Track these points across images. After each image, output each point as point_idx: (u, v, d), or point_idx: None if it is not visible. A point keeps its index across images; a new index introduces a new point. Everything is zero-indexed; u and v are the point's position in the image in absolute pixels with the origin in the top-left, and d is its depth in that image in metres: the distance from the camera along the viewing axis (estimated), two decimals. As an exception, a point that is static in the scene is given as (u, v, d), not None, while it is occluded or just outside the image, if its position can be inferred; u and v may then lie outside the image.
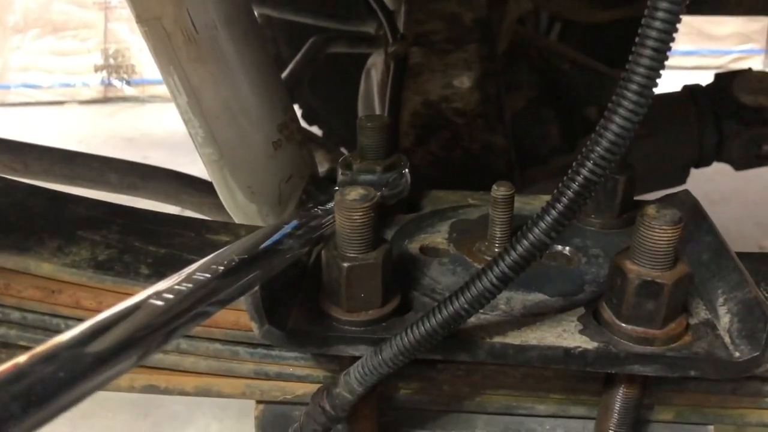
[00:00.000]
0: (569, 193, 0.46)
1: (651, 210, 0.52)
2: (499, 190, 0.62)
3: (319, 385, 0.62)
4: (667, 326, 0.54)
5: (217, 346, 0.64)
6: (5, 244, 0.64)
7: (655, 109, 1.62)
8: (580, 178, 0.45)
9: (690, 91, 1.63)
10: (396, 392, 0.64)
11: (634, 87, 0.43)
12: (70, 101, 4.94)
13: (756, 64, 4.88)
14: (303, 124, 3.03)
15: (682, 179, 1.66)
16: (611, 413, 0.59)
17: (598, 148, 0.44)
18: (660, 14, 0.41)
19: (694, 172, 1.69)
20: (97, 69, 4.92)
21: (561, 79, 1.62)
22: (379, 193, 0.59)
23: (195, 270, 0.46)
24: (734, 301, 0.56)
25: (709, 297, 0.59)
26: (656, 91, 0.44)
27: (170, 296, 0.42)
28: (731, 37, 4.83)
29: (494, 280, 0.48)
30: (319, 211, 0.62)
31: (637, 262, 0.53)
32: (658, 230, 0.51)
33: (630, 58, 0.43)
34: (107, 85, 4.97)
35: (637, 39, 0.42)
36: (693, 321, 0.57)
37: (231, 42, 0.78)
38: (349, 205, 0.53)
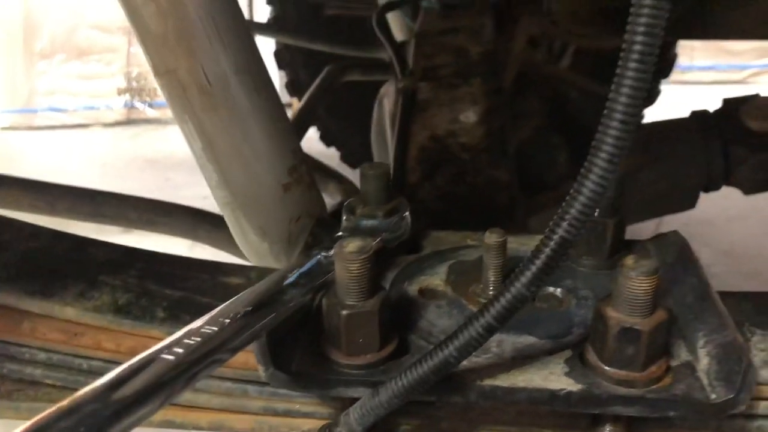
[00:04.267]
0: (547, 251, 0.49)
1: (629, 261, 0.55)
2: (491, 237, 0.65)
3: (324, 422, 0.66)
4: (647, 369, 0.57)
5: (229, 384, 0.68)
6: (32, 290, 0.69)
7: (663, 135, 1.65)
8: (556, 237, 0.49)
9: (697, 116, 1.65)
10: (397, 428, 0.68)
11: (603, 155, 0.46)
12: (94, 124, 5.06)
13: (774, 78, 4.88)
14: (321, 145, 3.06)
15: (692, 204, 1.68)
16: (599, 449, 0.62)
17: (573, 210, 0.48)
18: (624, 89, 0.45)
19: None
20: (120, 92, 5.03)
21: (569, 106, 1.65)
22: (377, 241, 0.63)
23: (204, 323, 0.51)
24: (713, 344, 0.59)
25: (690, 339, 0.62)
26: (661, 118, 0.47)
27: (181, 350, 0.47)
28: (749, 52, 4.82)
29: (480, 330, 0.52)
30: (323, 259, 0.66)
31: (617, 309, 0.56)
32: (636, 280, 0.54)
33: (599, 128, 0.47)
34: (130, 107, 5.08)
35: (604, 112, 0.46)
36: (674, 363, 0.60)
37: (242, 91, 0.82)
38: (346, 257, 0.57)
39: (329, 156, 3.17)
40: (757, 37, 1.91)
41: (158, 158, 4.47)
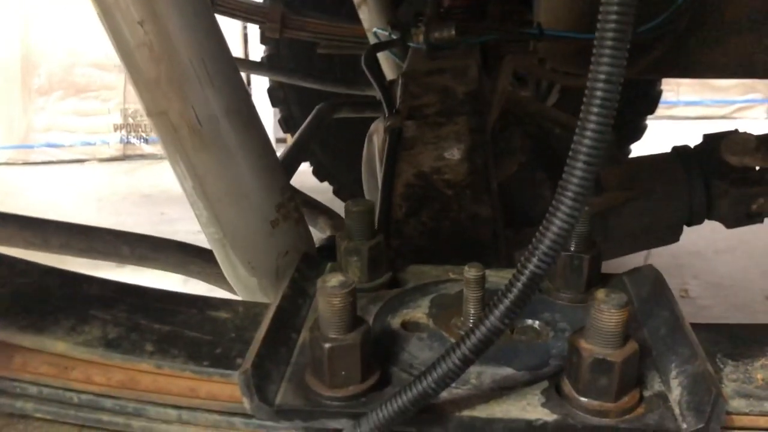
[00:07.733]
0: (519, 285, 0.52)
1: (601, 294, 0.58)
2: (470, 272, 0.68)
3: (310, 452, 0.67)
4: (620, 399, 0.59)
5: (216, 417, 0.69)
6: (24, 325, 0.71)
7: (646, 170, 1.68)
8: (527, 272, 0.51)
9: (679, 152, 1.69)
10: (380, 459, 0.69)
11: (569, 194, 0.49)
12: (90, 159, 5.10)
13: (759, 113, 4.96)
14: (314, 180, 3.09)
15: (675, 237, 1.71)
16: (578, 478, 0.63)
17: (542, 246, 0.51)
18: (588, 133, 0.48)
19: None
20: (116, 128, 5.09)
21: (553, 142, 1.69)
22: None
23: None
24: (685, 375, 0.62)
25: (663, 370, 0.64)
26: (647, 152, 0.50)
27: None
28: (734, 88, 4.91)
29: (457, 362, 0.54)
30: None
31: (590, 341, 0.58)
32: (607, 313, 0.57)
33: (565, 168, 0.49)
34: (126, 143, 5.13)
35: (570, 153, 0.49)
36: (648, 393, 0.62)
37: (232, 132, 0.85)
38: (329, 291, 0.59)
39: (322, 190, 3.21)
40: (738, 75, 1.95)
41: (153, 193, 4.49)
